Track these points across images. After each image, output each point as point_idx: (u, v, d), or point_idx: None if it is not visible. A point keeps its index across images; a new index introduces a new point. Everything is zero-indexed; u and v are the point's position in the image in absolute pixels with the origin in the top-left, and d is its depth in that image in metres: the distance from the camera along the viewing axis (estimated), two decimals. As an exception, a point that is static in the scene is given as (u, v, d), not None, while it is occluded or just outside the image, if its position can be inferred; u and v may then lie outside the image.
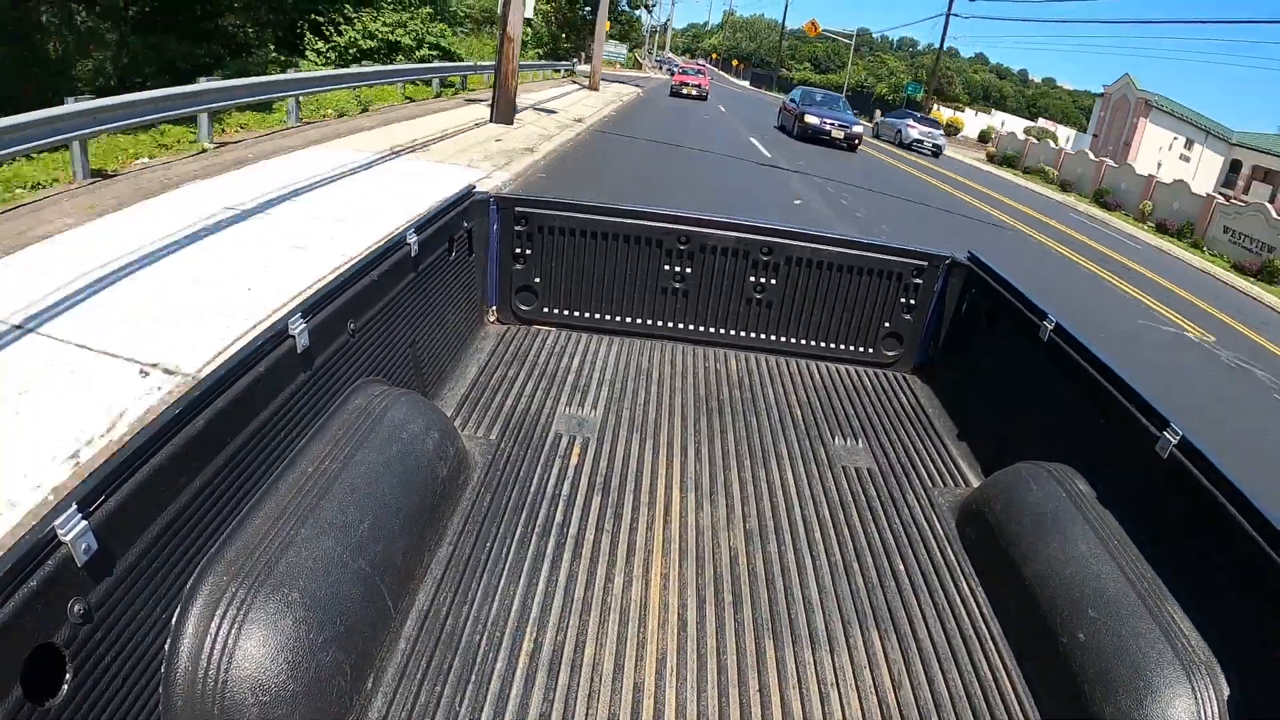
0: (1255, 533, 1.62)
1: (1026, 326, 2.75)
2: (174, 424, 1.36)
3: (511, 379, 2.97)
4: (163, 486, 1.32)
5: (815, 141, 22.00)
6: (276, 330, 1.74)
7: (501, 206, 3.29)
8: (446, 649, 1.70)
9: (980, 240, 12.08)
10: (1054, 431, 2.49)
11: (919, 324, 3.46)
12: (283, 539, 1.55)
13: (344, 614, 1.54)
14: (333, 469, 1.79)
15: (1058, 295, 8.79)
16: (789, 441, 2.80)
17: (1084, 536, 2.00)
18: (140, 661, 1.24)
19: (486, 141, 11.76)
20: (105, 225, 5.81)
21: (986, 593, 2.15)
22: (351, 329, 2.13)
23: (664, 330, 3.50)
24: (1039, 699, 1.82)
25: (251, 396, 1.62)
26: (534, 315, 3.47)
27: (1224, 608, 1.70)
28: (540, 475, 2.39)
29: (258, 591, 1.42)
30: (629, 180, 11.37)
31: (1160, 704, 1.58)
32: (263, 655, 1.36)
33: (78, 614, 1.11)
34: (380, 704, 1.55)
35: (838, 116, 22.68)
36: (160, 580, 1.31)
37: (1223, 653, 1.65)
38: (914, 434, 2.99)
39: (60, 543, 1.08)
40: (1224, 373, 8.23)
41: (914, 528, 2.40)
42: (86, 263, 4.93)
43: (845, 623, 1.96)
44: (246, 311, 4.50)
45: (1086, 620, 1.80)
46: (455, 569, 1.94)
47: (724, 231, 3.35)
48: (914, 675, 1.84)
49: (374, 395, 2.12)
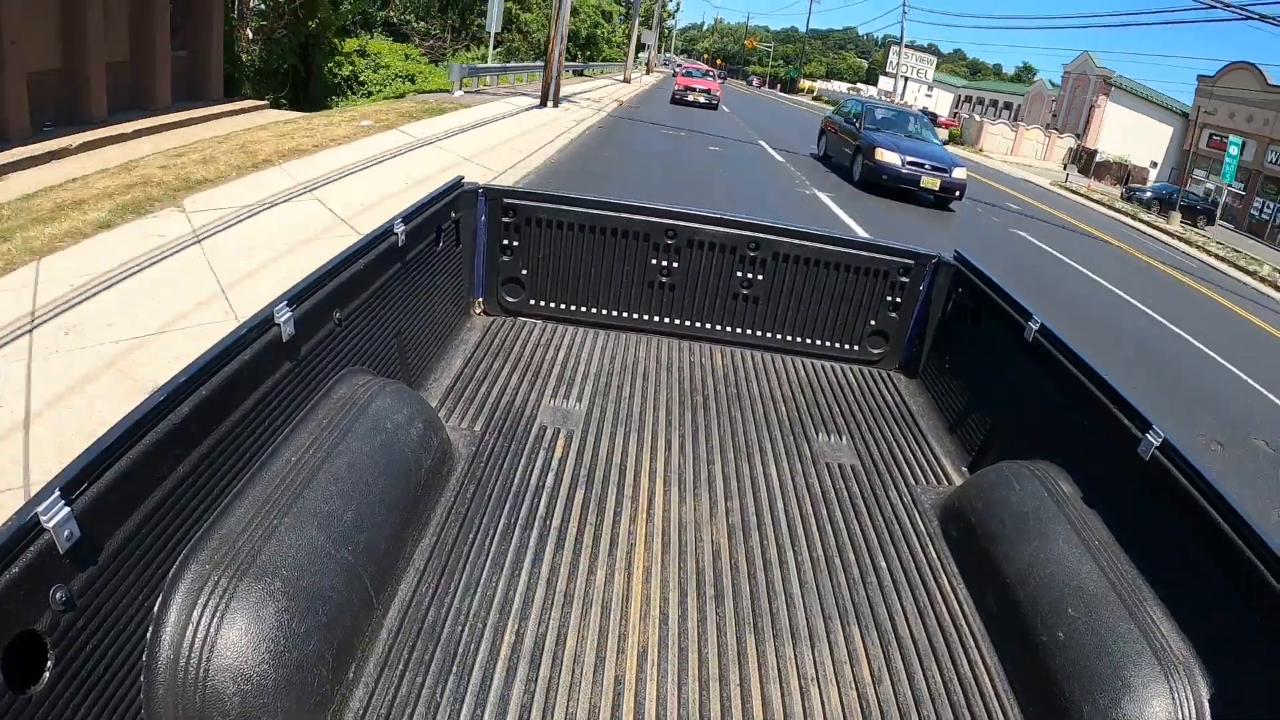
0: (1234, 535, 1.64)
1: (1011, 326, 2.77)
2: (158, 411, 1.35)
3: (497, 371, 2.96)
4: (146, 474, 1.31)
5: (888, 191, 13.53)
6: (262, 318, 1.73)
7: (489, 198, 3.28)
8: (428, 640, 1.70)
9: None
10: (1037, 431, 2.51)
11: (905, 322, 3.48)
12: (266, 528, 1.54)
13: (326, 604, 1.53)
14: (317, 458, 1.78)
15: None
16: (773, 437, 2.81)
17: (1065, 536, 2.02)
18: (122, 650, 1.23)
19: (537, 111, 18.31)
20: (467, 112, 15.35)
21: (968, 590, 2.17)
22: (338, 318, 2.11)
23: (650, 324, 3.51)
24: (1018, 696, 1.84)
25: (236, 384, 1.60)
26: (520, 307, 3.46)
27: (1203, 608, 1.72)
28: (524, 467, 2.38)
29: (240, 580, 1.41)
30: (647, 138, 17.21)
31: (1138, 703, 1.61)
32: (245, 644, 1.35)
33: (60, 601, 1.10)
34: (361, 694, 1.55)
35: (928, 152, 13.91)
36: (143, 568, 1.29)
37: (1201, 653, 1.67)
38: (898, 431, 3.01)
39: (43, 529, 1.07)
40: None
41: (896, 525, 2.41)
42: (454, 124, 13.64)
43: (826, 618, 1.97)
44: (517, 153, 11.44)
45: (1066, 619, 1.82)
46: (438, 560, 1.94)
47: (711, 226, 3.35)
48: (894, 671, 1.85)
49: (359, 385, 2.11)
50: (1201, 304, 13.05)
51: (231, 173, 8.28)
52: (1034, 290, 8.69)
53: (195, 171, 8.10)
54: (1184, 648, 1.69)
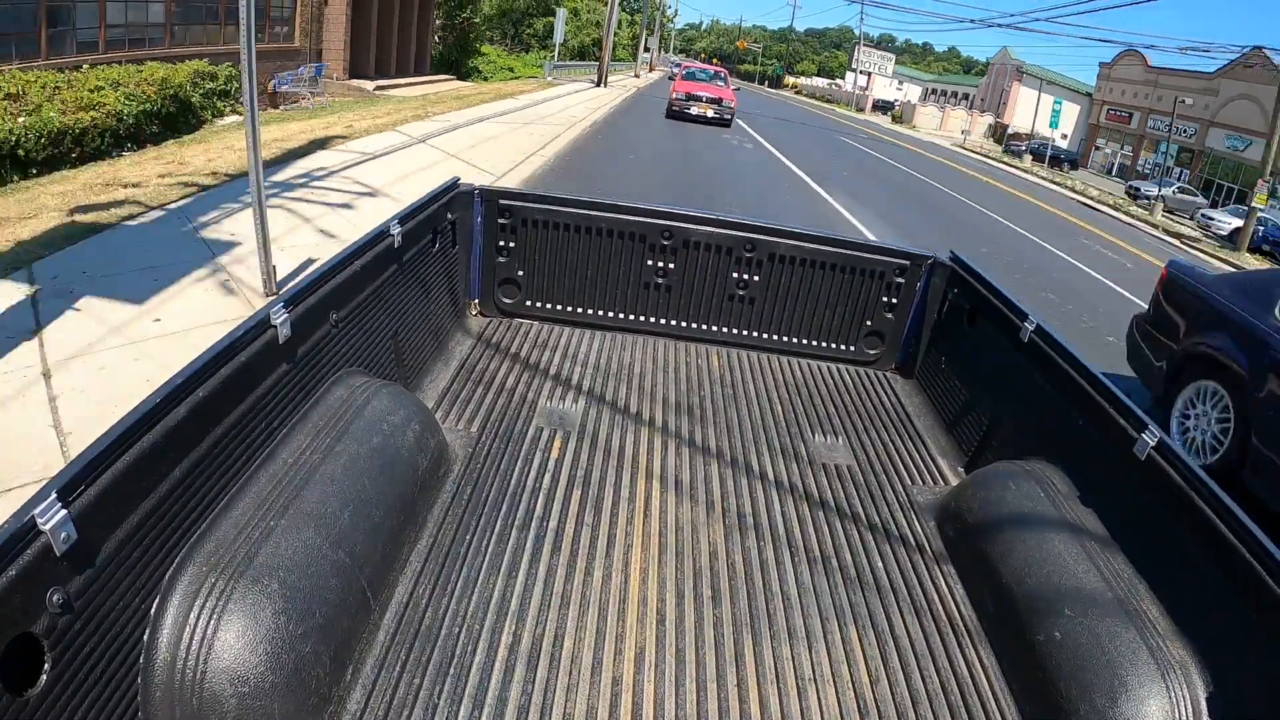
0: (1230, 534, 1.65)
1: (1007, 327, 2.78)
2: (155, 413, 1.34)
3: (493, 372, 2.96)
4: (143, 476, 1.31)
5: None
6: (259, 320, 1.73)
7: (486, 199, 3.27)
8: (425, 641, 1.70)
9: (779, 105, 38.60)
10: (1033, 432, 2.52)
11: (901, 323, 3.48)
12: (263, 530, 1.54)
13: (323, 605, 1.53)
14: (313, 460, 1.78)
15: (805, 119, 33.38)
16: (769, 438, 2.81)
17: (1061, 536, 2.03)
18: (119, 652, 1.23)
19: (596, 89, 28.59)
20: (562, 88, 26.76)
21: (964, 590, 2.17)
22: (334, 320, 2.11)
23: (646, 325, 3.51)
24: (1015, 696, 1.85)
25: (233, 387, 1.60)
26: (517, 309, 3.46)
27: (1199, 608, 1.73)
28: (520, 468, 2.38)
29: (237, 582, 1.41)
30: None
31: (1134, 702, 1.61)
32: (242, 646, 1.35)
33: (57, 604, 1.10)
34: (359, 695, 1.55)
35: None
36: (140, 570, 1.29)
37: (1197, 652, 1.68)
38: (894, 432, 3.01)
39: (40, 532, 1.07)
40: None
41: (893, 525, 2.41)
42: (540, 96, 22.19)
43: (823, 619, 1.97)
44: (571, 118, 16.78)
45: (1063, 618, 1.82)
46: (435, 561, 1.94)
47: (708, 228, 3.35)
48: (891, 671, 1.85)
49: (355, 386, 2.11)
50: (986, 188, 21.15)
51: (468, 102, 17.88)
52: (863, 172, 18.60)
53: (441, 104, 16.82)
54: (1180, 647, 1.69)
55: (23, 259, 4.93)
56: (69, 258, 5.09)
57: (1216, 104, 33.92)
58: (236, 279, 5.10)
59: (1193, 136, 35.13)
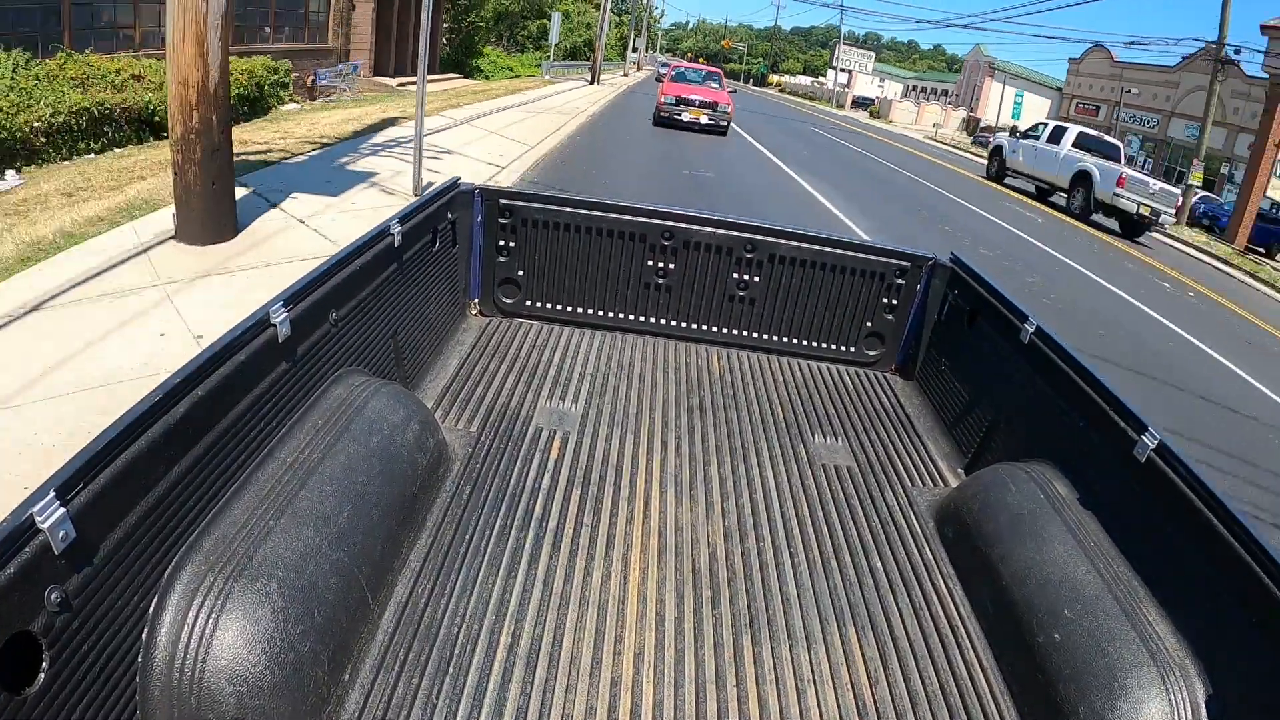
0: (1230, 536, 1.65)
1: (1007, 328, 2.78)
2: (154, 411, 1.34)
3: (493, 372, 2.95)
4: (142, 474, 1.30)
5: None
6: (258, 319, 1.71)
7: (486, 198, 3.27)
8: (424, 641, 1.70)
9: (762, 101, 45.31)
10: (1033, 433, 2.52)
11: (901, 324, 3.48)
12: (262, 529, 1.53)
13: (322, 605, 1.52)
14: (312, 459, 1.77)
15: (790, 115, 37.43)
16: (769, 438, 2.81)
17: (1061, 538, 2.02)
18: (118, 651, 1.23)
19: (590, 86, 31.03)
20: (559, 85, 29.09)
21: (964, 592, 2.17)
22: (334, 319, 2.10)
23: (646, 325, 3.50)
24: (1014, 697, 1.85)
25: (232, 385, 1.60)
26: (516, 308, 3.45)
27: (1199, 610, 1.73)
28: (520, 468, 2.38)
29: (236, 581, 1.40)
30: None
31: (1133, 704, 1.61)
32: (240, 645, 1.34)
33: (55, 602, 1.09)
34: (358, 695, 1.54)
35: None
36: (138, 569, 1.29)
37: (1197, 654, 1.68)
38: (894, 433, 3.01)
39: (38, 530, 1.07)
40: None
41: (892, 526, 2.41)
42: (542, 94, 23.59)
43: (823, 620, 1.97)
44: (575, 109, 19.69)
45: (1063, 621, 1.82)
46: (434, 561, 1.93)
47: (708, 228, 3.35)
48: (890, 673, 1.85)
49: (355, 386, 2.10)
50: (942, 169, 23.49)
51: (481, 98, 19.13)
52: (819, 151, 21.49)
53: (463, 97, 18.60)
54: (1180, 649, 1.69)
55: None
56: (256, 178, 7.38)
57: (1177, 95, 34.81)
58: (391, 188, 8.04)
59: (1155, 127, 36.31)
